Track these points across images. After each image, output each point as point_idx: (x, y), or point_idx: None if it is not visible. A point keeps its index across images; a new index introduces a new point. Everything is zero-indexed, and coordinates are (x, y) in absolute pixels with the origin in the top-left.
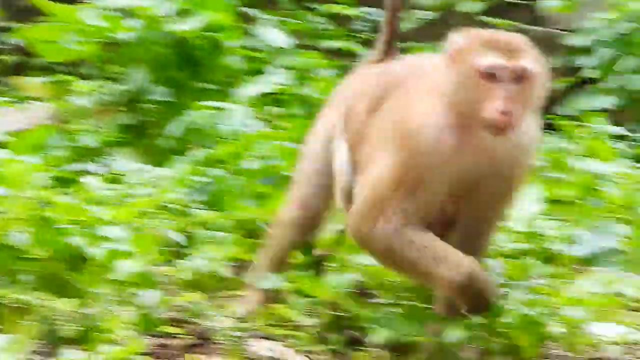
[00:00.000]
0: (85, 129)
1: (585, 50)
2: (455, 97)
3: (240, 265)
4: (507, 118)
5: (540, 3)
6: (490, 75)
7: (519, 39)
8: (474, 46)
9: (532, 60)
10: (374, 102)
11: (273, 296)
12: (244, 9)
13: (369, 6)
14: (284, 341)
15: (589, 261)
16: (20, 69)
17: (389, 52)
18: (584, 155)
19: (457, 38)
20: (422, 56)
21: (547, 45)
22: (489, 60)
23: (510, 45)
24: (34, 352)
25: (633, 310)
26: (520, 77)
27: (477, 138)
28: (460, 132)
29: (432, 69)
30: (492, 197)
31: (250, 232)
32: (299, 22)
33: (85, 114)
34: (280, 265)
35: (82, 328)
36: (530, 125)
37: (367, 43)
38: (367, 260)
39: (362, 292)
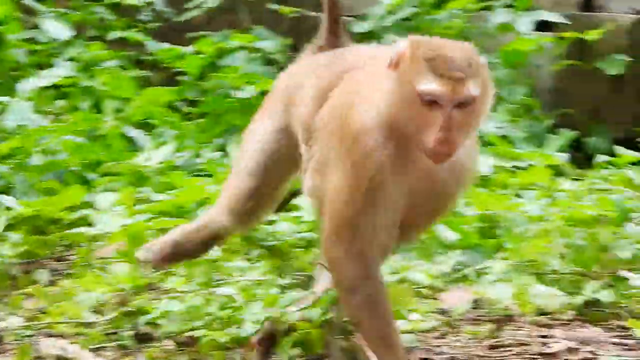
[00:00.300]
0: None
1: (371, 36)
2: (394, 112)
3: (29, 262)
4: (447, 147)
5: None
6: (431, 102)
7: (467, 56)
8: (417, 63)
9: (478, 84)
10: (320, 93)
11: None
12: (25, 1)
13: None
14: (73, 339)
15: None
16: None
17: (333, 38)
18: None
19: (402, 45)
20: (374, 47)
21: None
22: (431, 87)
23: (457, 67)
24: None
25: (424, 298)
26: (465, 104)
27: (415, 156)
28: (397, 145)
29: (379, 67)
30: (425, 215)
31: (37, 229)
32: (81, 13)
33: None
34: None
35: None
36: (470, 143)
37: (153, 33)
38: None
39: (150, 287)
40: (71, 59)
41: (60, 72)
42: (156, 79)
